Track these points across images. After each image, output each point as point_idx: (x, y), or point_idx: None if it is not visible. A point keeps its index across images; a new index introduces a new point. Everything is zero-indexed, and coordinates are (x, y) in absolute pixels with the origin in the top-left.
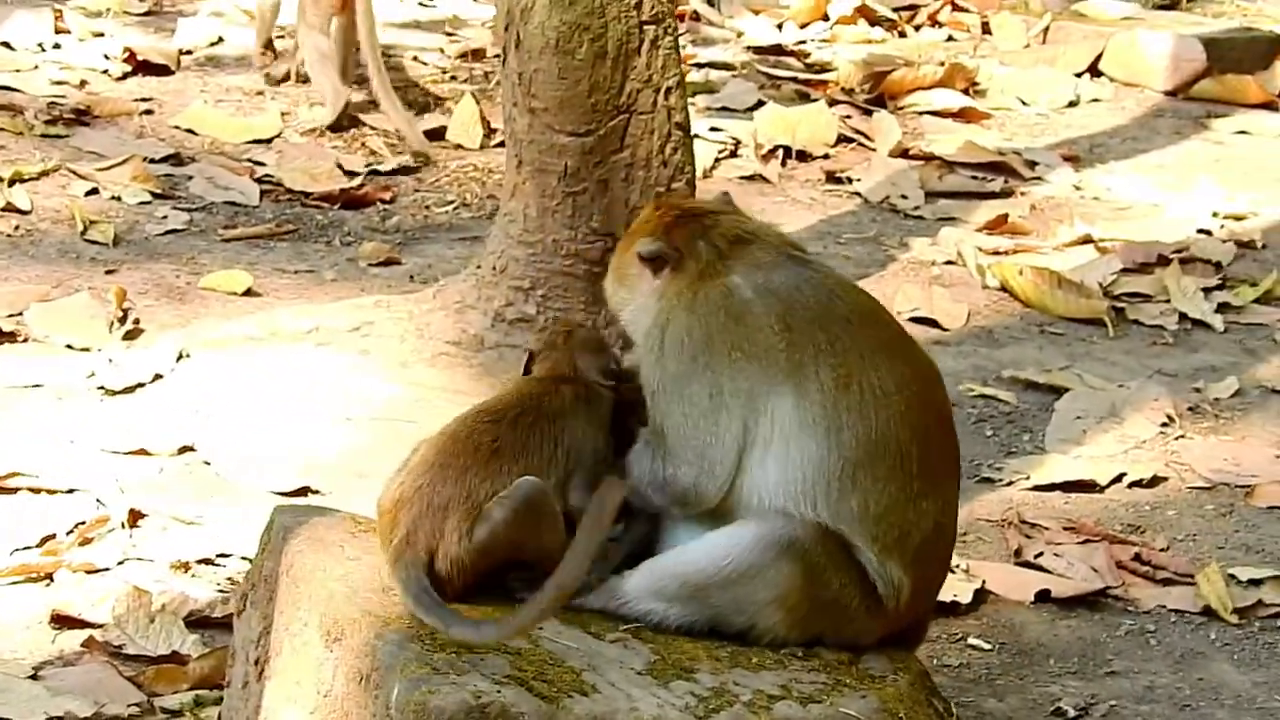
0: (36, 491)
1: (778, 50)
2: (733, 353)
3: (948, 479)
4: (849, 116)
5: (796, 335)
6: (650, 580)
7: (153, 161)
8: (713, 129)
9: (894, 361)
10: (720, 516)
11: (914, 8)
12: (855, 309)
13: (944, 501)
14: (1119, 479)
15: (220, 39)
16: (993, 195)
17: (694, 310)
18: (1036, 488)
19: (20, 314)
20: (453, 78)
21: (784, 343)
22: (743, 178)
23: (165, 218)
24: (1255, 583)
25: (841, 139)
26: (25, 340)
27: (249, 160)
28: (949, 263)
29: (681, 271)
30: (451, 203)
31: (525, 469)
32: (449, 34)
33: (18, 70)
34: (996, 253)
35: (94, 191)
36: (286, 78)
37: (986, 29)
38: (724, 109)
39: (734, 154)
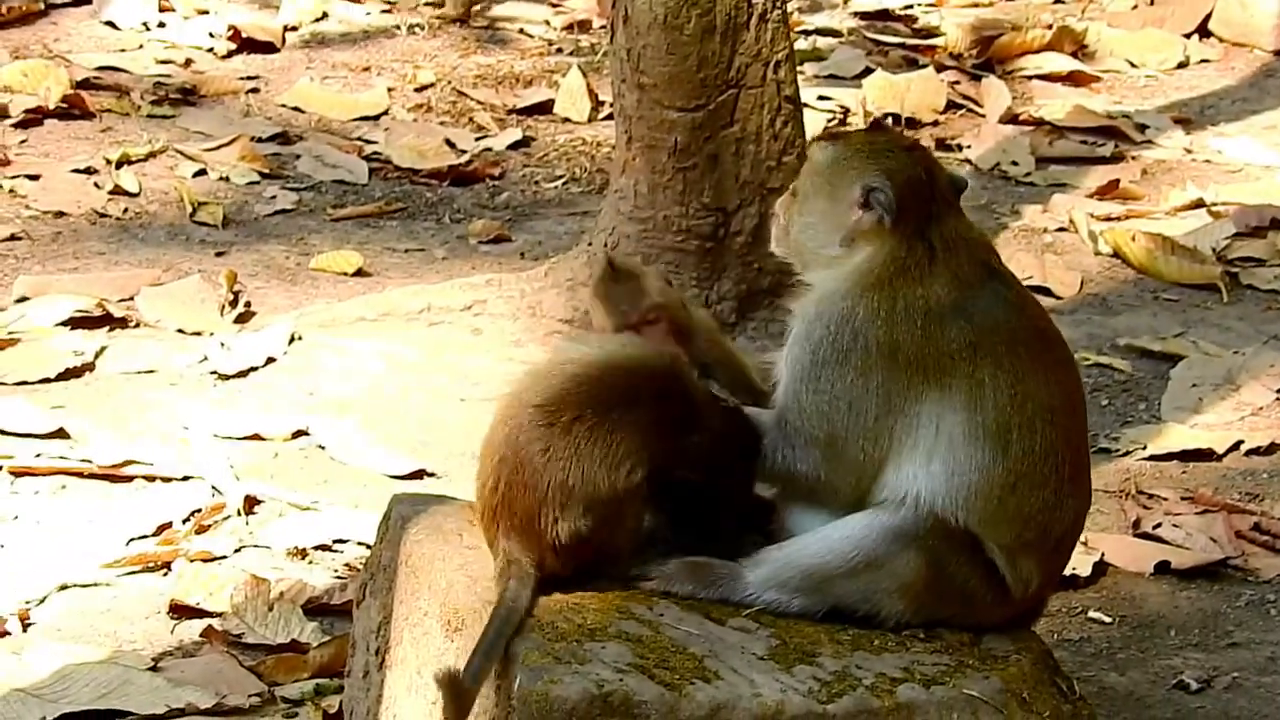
0: (151, 480)
1: (885, 16)
2: (912, 368)
3: (1086, 474)
4: (957, 82)
5: (981, 358)
6: (773, 572)
7: (260, 141)
8: (821, 97)
9: (1061, 378)
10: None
11: None
12: (1035, 328)
13: (1084, 496)
14: (1236, 447)
15: (325, 14)
16: (1103, 160)
17: (888, 310)
18: (1153, 457)
19: (131, 299)
20: (559, 50)
21: (968, 365)
22: None
23: (274, 198)
24: None
25: (950, 105)
26: (137, 325)
27: (357, 138)
28: (1061, 229)
29: (888, 243)
30: (560, 178)
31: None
32: (554, 5)
33: (123, 50)
34: (1108, 218)
35: (202, 172)
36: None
37: None
38: (831, 77)
39: (843, 122)
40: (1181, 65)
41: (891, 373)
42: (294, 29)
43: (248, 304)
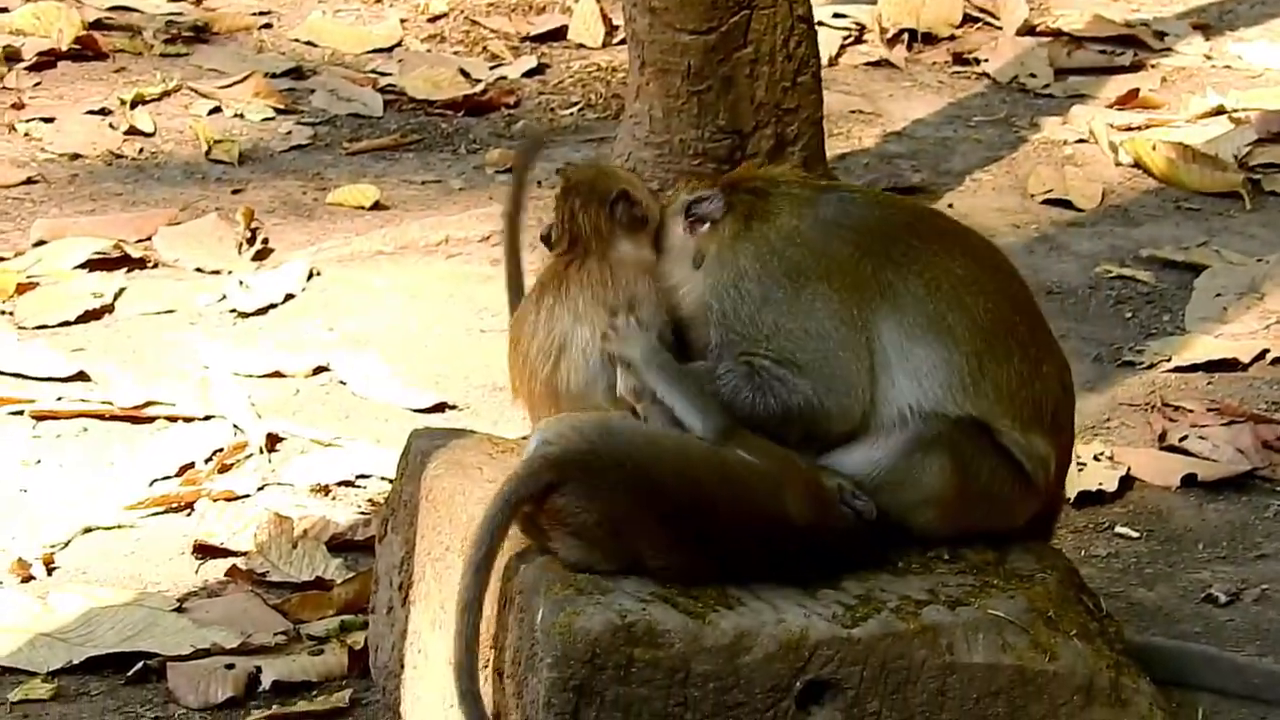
0: (173, 420)
1: None
2: (829, 282)
3: (1050, 337)
4: None
5: (872, 256)
6: None
7: (274, 76)
8: (835, 15)
9: (961, 245)
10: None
11: None
12: (906, 213)
13: (1058, 359)
14: (1262, 356)
15: None
16: (1123, 69)
17: (765, 245)
18: (1178, 369)
19: (149, 239)
20: None
21: (867, 266)
22: (869, 64)
23: (289, 133)
24: None
25: (967, 18)
26: (155, 265)
27: (371, 71)
28: (1081, 141)
29: (722, 225)
30: (576, 104)
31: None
32: None
33: None
34: (1129, 128)
35: (216, 110)
36: None
37: None
38: None
39: (859, 40)
40: None
41: (815, 287)
42: None
43: (265, 241)
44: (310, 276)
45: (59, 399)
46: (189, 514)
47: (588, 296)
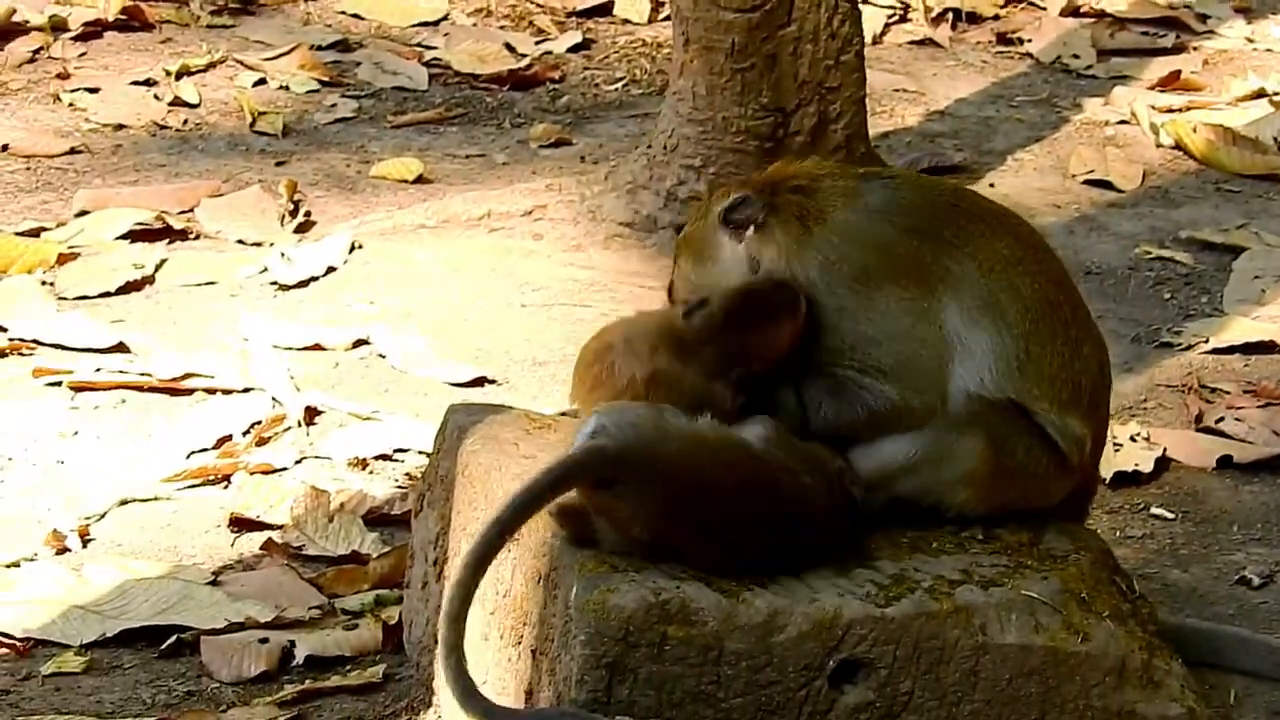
0: (212, 392)
1: None
2: (897, 279)
3: (1089, 317)
4: None
5: (930, 242)
6: None
7: (319, 49)
8: None
9: (1004, 225)
10: None
11: None
12: (948, 194)
13: (1096, 339)
14: None
15: None
16: (1165, 51)
17: (829, 250)
18: (1216, 351)
19: (191, 210)
20: None
21: (926, 255)
22: (912, 43)
23: (334, 106)
24: None
25: None
26: (197, 237)
27: (417, 44)
28: (1122, 122)
29: (772, 227)
30: (621, 80)
31: None
32: None
33: None
34: (1170, 110)
35: (261, 82)
36: None
37: None
38: None
39: (903, 19)
40: None
41: (889, 290)
42: None
43: (308, 213)
44: (352, 249)
45: (98, 370)
46: (225, 487)
47: None
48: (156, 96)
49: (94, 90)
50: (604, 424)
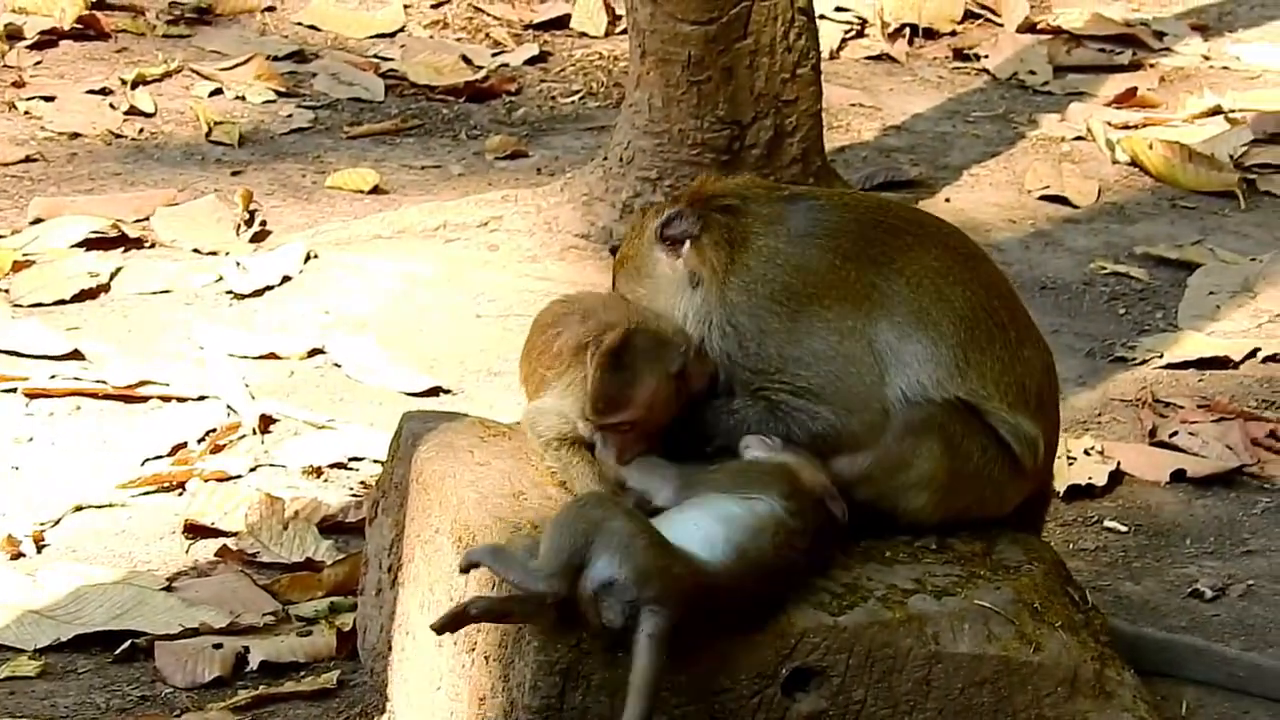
0: (167, 400)
1: None
2: (820, 300)
3: (1028, 320)
4: None
5: (853, 262)
6: None
7: (276, 59)
8: (838, 9)
9: (932, 237)
10: None
11: None
12: (874, 211)
13: (1036, 340)
14: (1253, 354)
15: None
16: (1121, 68)
17: (748, 275)
18: (1170, 365)
19: (147, 219)
20: None
21: (849, 275)
22: (869, 58)
23: (290, 116)
24: None
25: (968, 14)
26: (152, 245)
27: (373, 55)
28: (1078, 138)
29: (704, 245)
30: (577, 92)
31: None
32: None
33: None
34: (1126, 126)
35: (218, 92)
36: None
37: None
38: None
39: (860, 34)
40: None
41: (812, 310)
42: None
43: (263, 223)
44: (307, 259)
45: (52, 377)
46: (180, 494)
47: None
48: (112, 105)
49: (49, 99)
50: (640, 580)
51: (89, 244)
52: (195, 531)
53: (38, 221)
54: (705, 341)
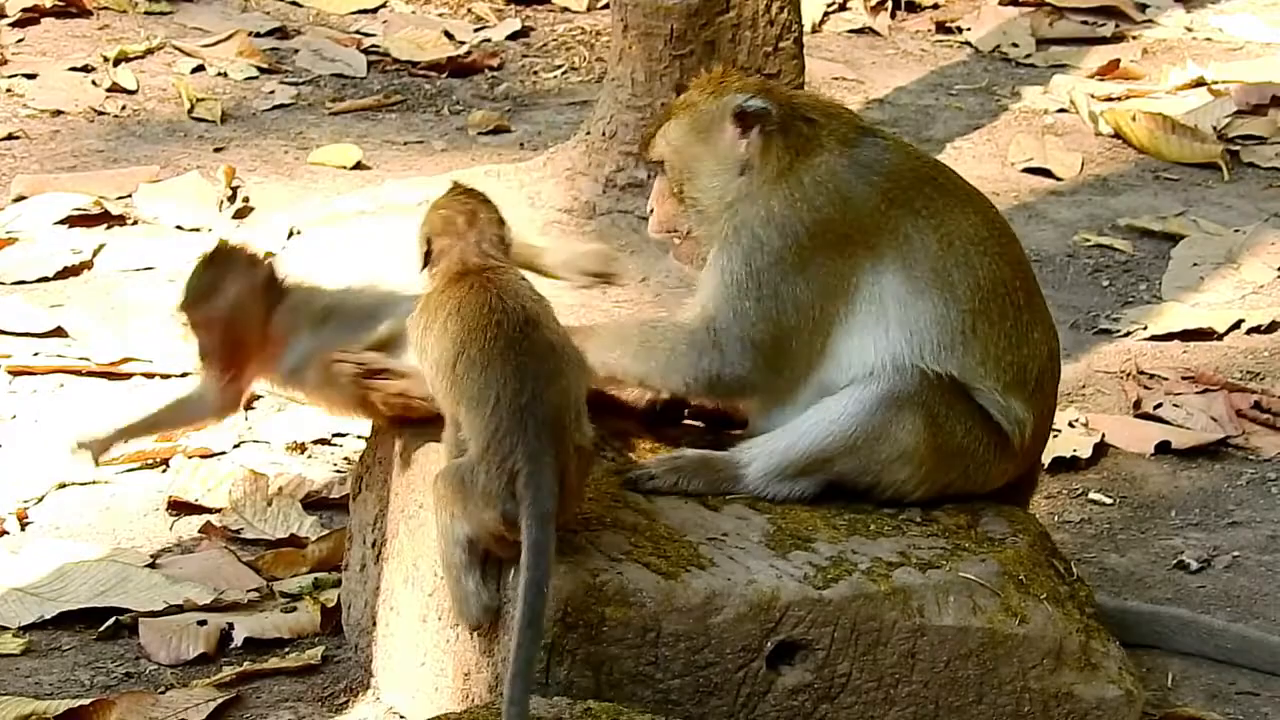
0: (150, 376)
1: None
2: (842, 241)
3: (1043, 304)
4: None
5: (898, 208)
6: (770, 463)
7: (258, 35)
8: None
9: (975, 207)
10: (824, 389)
11: None
12: (932, 168)
13: (1048, 326)
14: (1237, 325)
15: None
16: (1104, 40)
17: (800, 192)
18: (1154, 337)
19: (129, 196)
20: None
21: (891, 214)
22: (852, 31)
23: (272, 93)
24: None
25: None
26: (135, 223)
27: (355, 31)
28: (1061, 111)
29: (774, 142)
30: (560, 67)
31: None
32: None
33: None
34: (1109, 99)
35: (200, 68)
36: None
37: None
38: None
39: (843, 7)
40: None
41: (825, 254)
42: None
43: (246, 199)
44: (291, 235)
45: (35, 354)
46: (164, 470)
47: None
48: (94, 83)
49: (32, 76)
50: None
51: (72, 221)
52: (179, 508)
53: (20, 199)
54: (718, 228)
